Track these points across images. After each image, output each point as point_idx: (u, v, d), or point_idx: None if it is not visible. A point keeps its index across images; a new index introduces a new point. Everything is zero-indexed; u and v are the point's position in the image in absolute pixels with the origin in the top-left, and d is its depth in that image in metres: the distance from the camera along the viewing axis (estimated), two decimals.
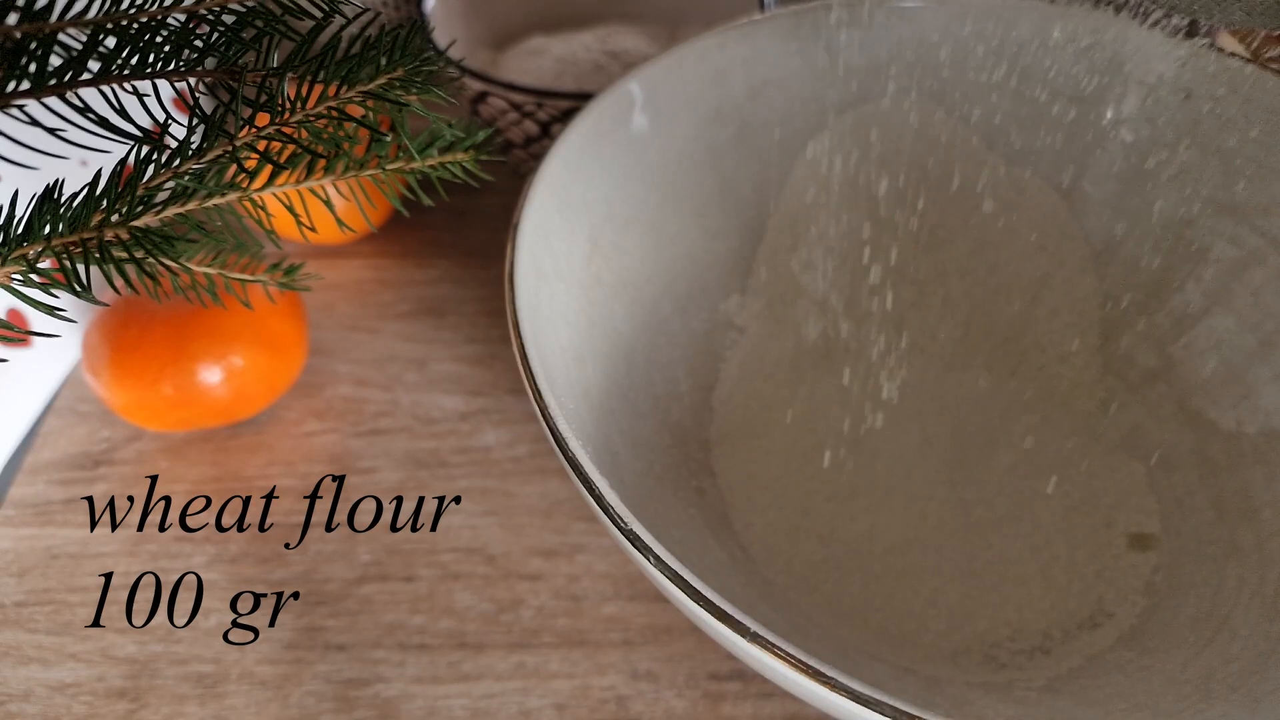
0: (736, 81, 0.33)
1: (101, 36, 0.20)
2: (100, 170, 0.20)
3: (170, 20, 0.20)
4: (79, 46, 0.19)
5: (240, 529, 0.31)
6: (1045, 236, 0.33)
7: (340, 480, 0.33)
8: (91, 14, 0.20)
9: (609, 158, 0.31)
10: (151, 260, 0.20)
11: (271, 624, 0.29)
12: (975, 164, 0.33)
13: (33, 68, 0.19)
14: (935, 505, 0.30)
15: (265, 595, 0.30)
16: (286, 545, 0.31)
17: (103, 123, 0.20)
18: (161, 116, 0.21)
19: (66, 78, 0.20)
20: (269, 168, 0.22)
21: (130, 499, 0.32)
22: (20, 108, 0.20)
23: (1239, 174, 0.29)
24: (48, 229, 0.19)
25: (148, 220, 0.20)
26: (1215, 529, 0.28)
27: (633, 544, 0.19)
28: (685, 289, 0.33)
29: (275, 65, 0.20)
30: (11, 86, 0.19)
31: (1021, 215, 0.33)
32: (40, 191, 0.19)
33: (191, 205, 0.21)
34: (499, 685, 0.28)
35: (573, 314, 0.28)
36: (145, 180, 0.20)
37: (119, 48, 0.20)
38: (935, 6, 0.32)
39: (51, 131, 0.20)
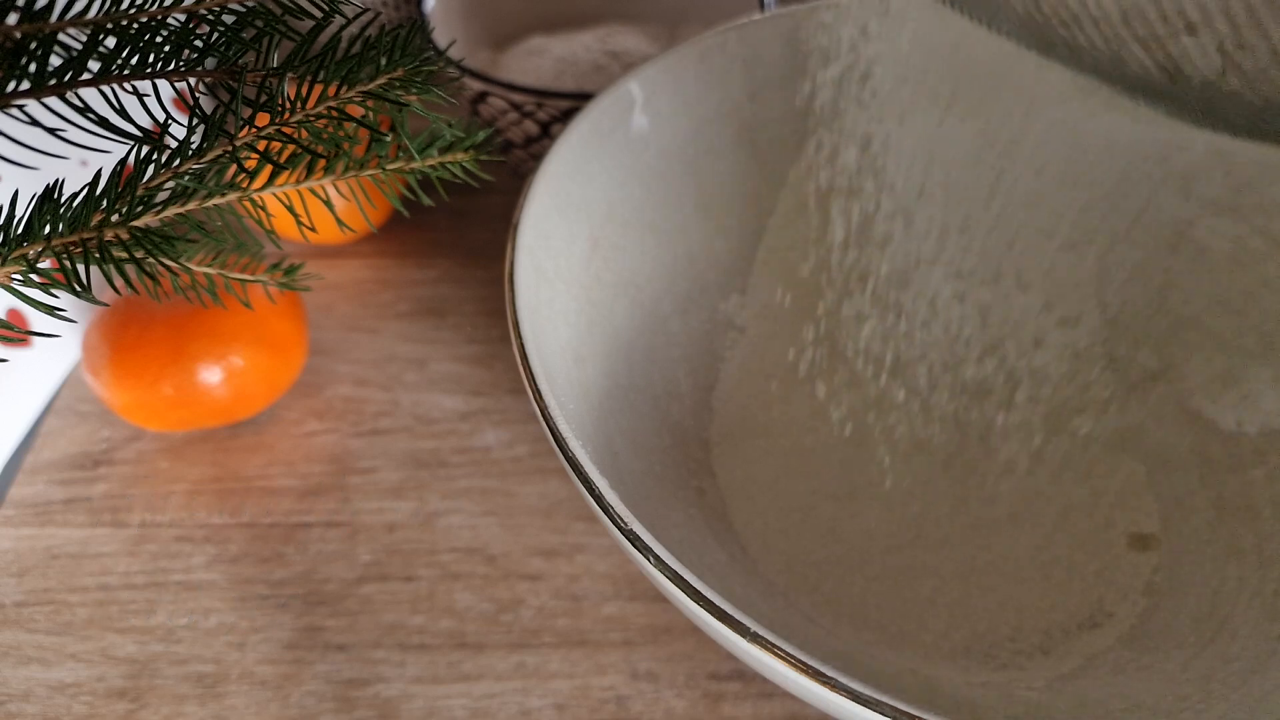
0: (736, 81, 0.33)
1: (101, 36, 0.20)
2: (100, 170, 0.20)
3: (170, 20, 0.20)
4: (79, 46, 0.19)
5: (240, 529, 0.31)
6: (1047, 238, 0.33)
7: (340, 480, 0.33)
8: (91, 14, 0.20)
9: (609, 158, 0.31)
10: (151, 260, 0.20)
11: (271, 624, 0.29)
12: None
13: (33, 68, 0.19)
14: (935, 505, 0.30)
15: (265, 595, 0.30)
16: (286, 545, 0.31)
17: (103, 123, 0.20)
18: (161, 116, 0.21)
19: (66, 78, 0.20)
20: (269, 168, 0.22)
21: (130, 499, 0.32)
22: (20, 108, 0.20)
23: (1239, 174, 0.29)
24: (48, 229, 0.19)
25: (148, 220, 0.20)
26: (1215, 529, 0.28)
27: (633, 544, 0.19)
28: (685, 289, 0.33)
29: (275, 65, 0.20)
30: (11, 86, 0.19)
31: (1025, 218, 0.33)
32: (40, 191, 0.19)
33: (191, 205, 0.21)
34: (499, 685, 0.28)
35: (573, 314, 0.28)
36: (145, 180, 0.20)
37: (119, 48, 0.20)
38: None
39: (51, 131, 0.20)
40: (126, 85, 0.20)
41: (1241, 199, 0.29)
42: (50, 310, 0.19)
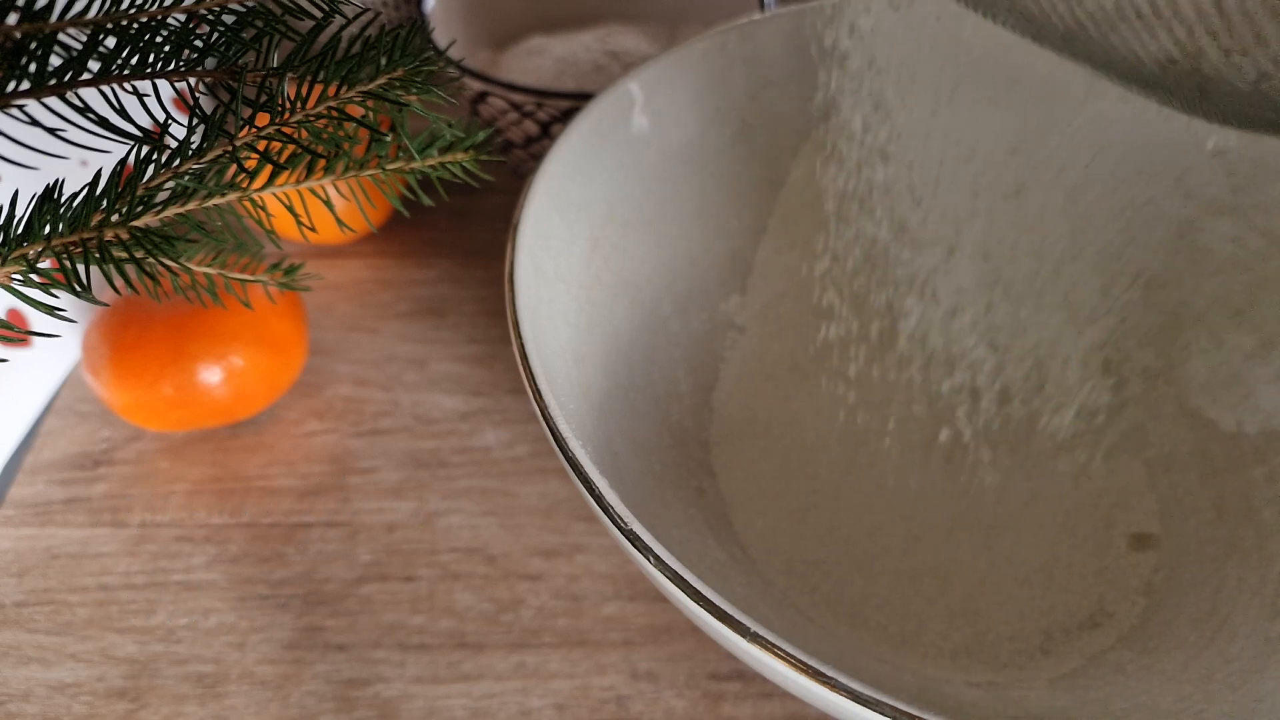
0: (736, 81, 0.33)
1: (101, 36, 0.20)
2: (100, 170, 0.20)
3: (170, 20, 0.20)
4: (79, 46, 0.19)
5: (240, 529, 0.31)
6: (1048, 239, 0.33)
7: (340, 480, 0.33)
8: (91, 14, 0.20)
9: (609, 158, 0.31)
10: (151, 260, 0.20)
11: (271, 624, 0.29)
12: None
13: (33, 68, 0.19)
14: (936, 505, 0.30)
15: (265, 595, 0.30)
16: (286, 545, 0.31)
17: (103, 123, 0.20)
18: (161, 116, 0.21)
19: (66, 78, 0.20)
20: (269, 168, 0.22)
21: (130, 499, 0.32)
22: (20, 108, 0.20)
23: (1239, 174, 0.29)
24: (48, 229, 0.19)
25: (148, 220, 0.20)
26: (1215, 529, 0.28)
27: (633, 544, 0.19)
28: (685, 289, 0.33)
29: (275, 65, 0.20)
30: (11, 86, 0.19)
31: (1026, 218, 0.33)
32: (40, 191, 0.19)
33: (191, 205, 0.21)
34: (499, 685, 0.28)
35: (573, 314, 0.28)
36: (145, 180, 0.20)
37: (119, 48, 0.20)
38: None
39: (51, 131, 0.20)
40: (126, 85, 0.20)
41: (1241, 199, 0.29)
42: (50, 310, 0.19)
